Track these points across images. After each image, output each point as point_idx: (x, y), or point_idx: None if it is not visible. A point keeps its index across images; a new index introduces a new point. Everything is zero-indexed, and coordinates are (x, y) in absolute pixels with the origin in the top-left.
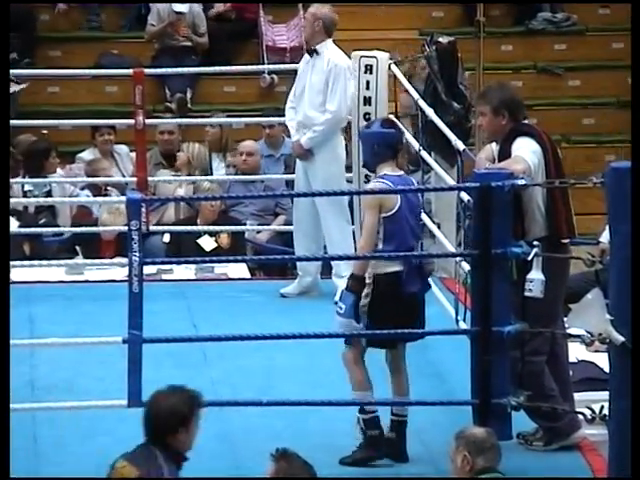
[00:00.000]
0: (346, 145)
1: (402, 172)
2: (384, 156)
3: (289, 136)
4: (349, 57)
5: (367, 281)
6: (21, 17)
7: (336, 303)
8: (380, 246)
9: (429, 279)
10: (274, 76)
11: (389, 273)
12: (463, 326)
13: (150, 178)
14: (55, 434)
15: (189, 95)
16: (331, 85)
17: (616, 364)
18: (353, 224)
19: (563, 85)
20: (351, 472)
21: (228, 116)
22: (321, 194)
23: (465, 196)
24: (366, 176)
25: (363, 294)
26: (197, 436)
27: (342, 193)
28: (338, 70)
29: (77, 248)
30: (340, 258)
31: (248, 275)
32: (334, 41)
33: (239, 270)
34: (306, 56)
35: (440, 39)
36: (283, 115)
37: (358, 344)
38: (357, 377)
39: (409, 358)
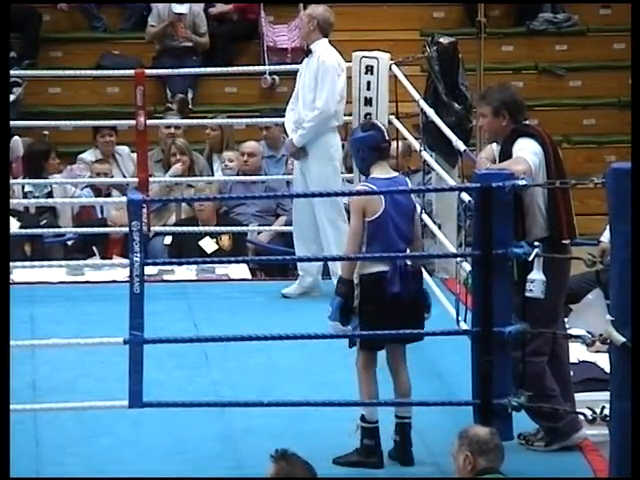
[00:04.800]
0: (343, 145)
1: (395, 173)
2: (371, 159)
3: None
4: (349, 57)
5: (355, 282)
6: (25, 17)
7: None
8: (364, 249)
9: (419, 280)
10: (275, 77)
11: (373, 273)
12: (464, 326)
13: (152, 179)
14: (56, 435)
15: (190, 96)
16: (319, 82)
17: (617, 364)
18: None
19: (564, 86)
20: (351, 472)
21: (229, 117)
22: (314, 195)
23: (466, 197)
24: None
25: (355, 295)
26: (198, 436)
27: (337, 194)
28: (325, 67)
29: (91, 248)
30: (341, 259)
31: (249, 276)
32: (331, 41)
33: (240, 271)
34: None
35: (441, 40)
36: (283, 115)
37: (365, 349)
38: (363, 383)
39: (410, 359)
